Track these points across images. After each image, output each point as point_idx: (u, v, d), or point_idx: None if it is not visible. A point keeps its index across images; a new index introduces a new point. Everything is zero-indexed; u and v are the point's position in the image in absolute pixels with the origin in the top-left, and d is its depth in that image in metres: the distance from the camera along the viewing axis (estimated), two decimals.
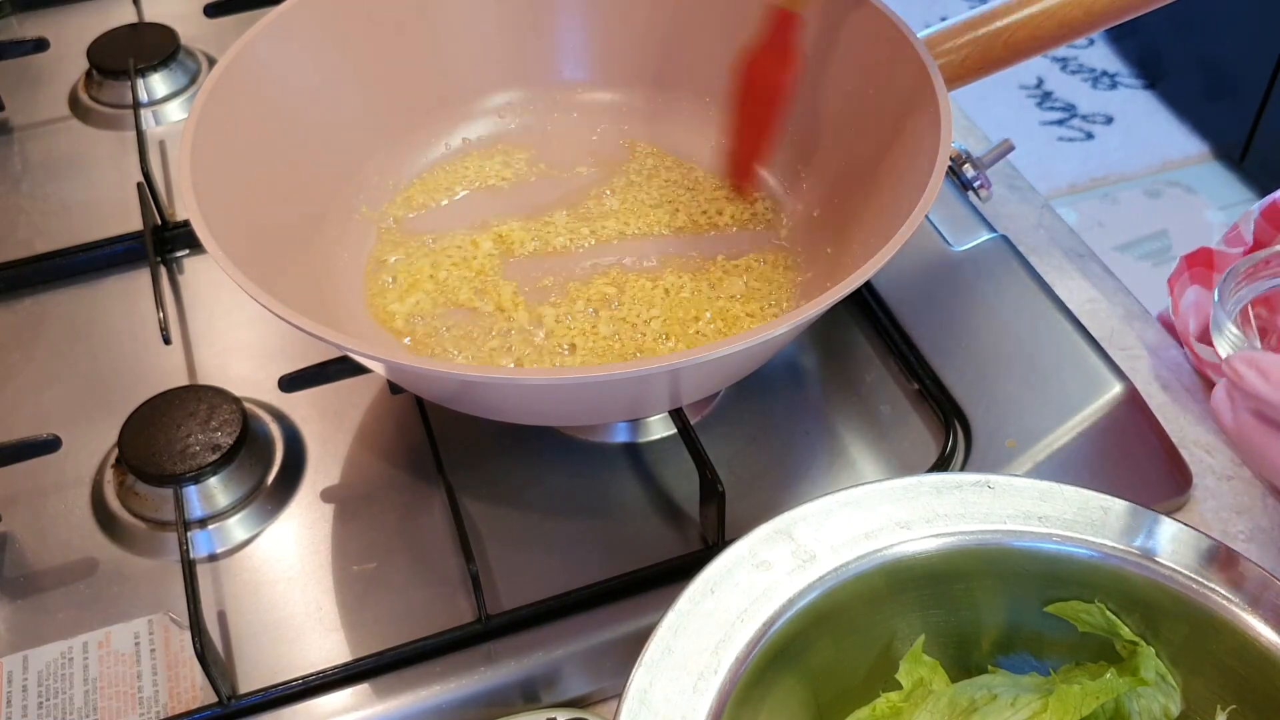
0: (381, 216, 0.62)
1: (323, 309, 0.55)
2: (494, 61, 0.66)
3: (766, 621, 0.37)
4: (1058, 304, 0.61)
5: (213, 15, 0.82)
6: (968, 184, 0.67)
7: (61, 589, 0.52)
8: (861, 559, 0.39)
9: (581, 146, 0.66)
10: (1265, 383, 0.36)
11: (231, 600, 0.51)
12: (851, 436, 0.57)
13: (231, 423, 0.54)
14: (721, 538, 0.50)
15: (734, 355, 0.44)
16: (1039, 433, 0.55)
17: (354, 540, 0.53)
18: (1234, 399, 0.38)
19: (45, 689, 0.48)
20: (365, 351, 0.44)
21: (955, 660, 0.42)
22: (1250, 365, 0.37)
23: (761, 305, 0.57)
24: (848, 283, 0.44)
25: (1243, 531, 0.55)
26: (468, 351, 0.55)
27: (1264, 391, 0.36)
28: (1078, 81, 2.22)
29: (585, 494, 0.54)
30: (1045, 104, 2.17)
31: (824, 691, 0.41)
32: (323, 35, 0.59)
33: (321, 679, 0.48)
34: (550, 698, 0.49)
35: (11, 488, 0.55)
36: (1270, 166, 1.94)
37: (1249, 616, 0.38)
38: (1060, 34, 0.58)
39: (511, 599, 0.50)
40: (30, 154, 0.75)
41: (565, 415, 0.53)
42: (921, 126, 0.52)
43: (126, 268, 0.67)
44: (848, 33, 0.58)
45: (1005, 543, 0.40)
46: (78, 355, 0.62)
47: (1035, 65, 2.24)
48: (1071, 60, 2.27)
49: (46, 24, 0.86)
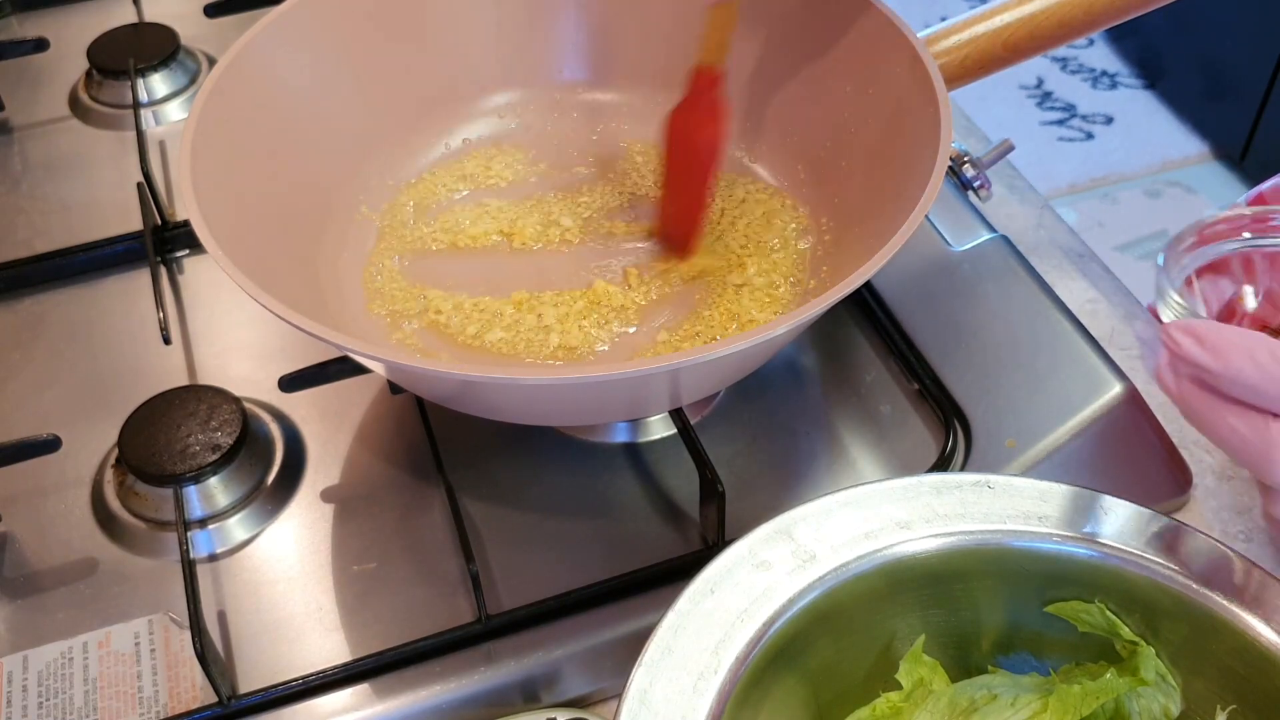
0: (382, 216, 0.62)
1: (323, 309, 0.55)
2: (494, 61, 0.66)
3: (766, 621, 0.37)
4: (1058, 304, 0.61)
5: (213, 15, 0.82)
6: (968, 184, 0.67)
7: (61, 589, 0.52)
8: (861, 559, 0.39)
9: (581, 146, 0.66)
10: (1201, 349, 0.36)
11: (231, 600, 0.51)
12: (851, 436, 0.57)
13: (231, 423, 0.54)
14: (721, 538, 0.50)
15: (734, 355, 0.44)
16: (1039, 433, 0.55)
17: (354, 540, 0.53)
18: (1176, 367, 0.38)
19: (45, 689, 0.48)
20: (365, 351, 0.44)
21: (955, 660, 0.42)
22: (1187, 333, 0.37)
23: (761, 305, 0.57)
24: (848, 283, 0.44)
25: (1243, 531, 0.55)
26: (468, 350, 0.55)
27: (1199, 358, 0.36)
28: (1078, 81, 2.22)
29: (585, 494, 0.54)
30: (1045, 104, 2.17)
31: (824, 691, 0.41)
32: (323, 35, 0.59)
33: (321, 679, 0.48)
34: (550, 698, 0.49)
35: (11, 488, 0.55)
36: (1270, 166, 1.93)
37: (1249, 616, 0.38)
38: (1060, 34, 0.58)
39: (511, 599, 0.50)
40: (30, 154, 0.75)
41: (565, 415, 0.53)
42: (921, 126, 0.52)
43: (126, 268, 0.67)
44: (847, 33, 0.58)
45: (1005, 543, 0.40)
46: (78, 355, 0.62)
47: (1035, 65, 2.24)
48: (1071, 60, 2.27)
49: (46, 24, 0.86)
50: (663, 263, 0.59)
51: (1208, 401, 0.37)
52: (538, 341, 0.55)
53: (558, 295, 0.57)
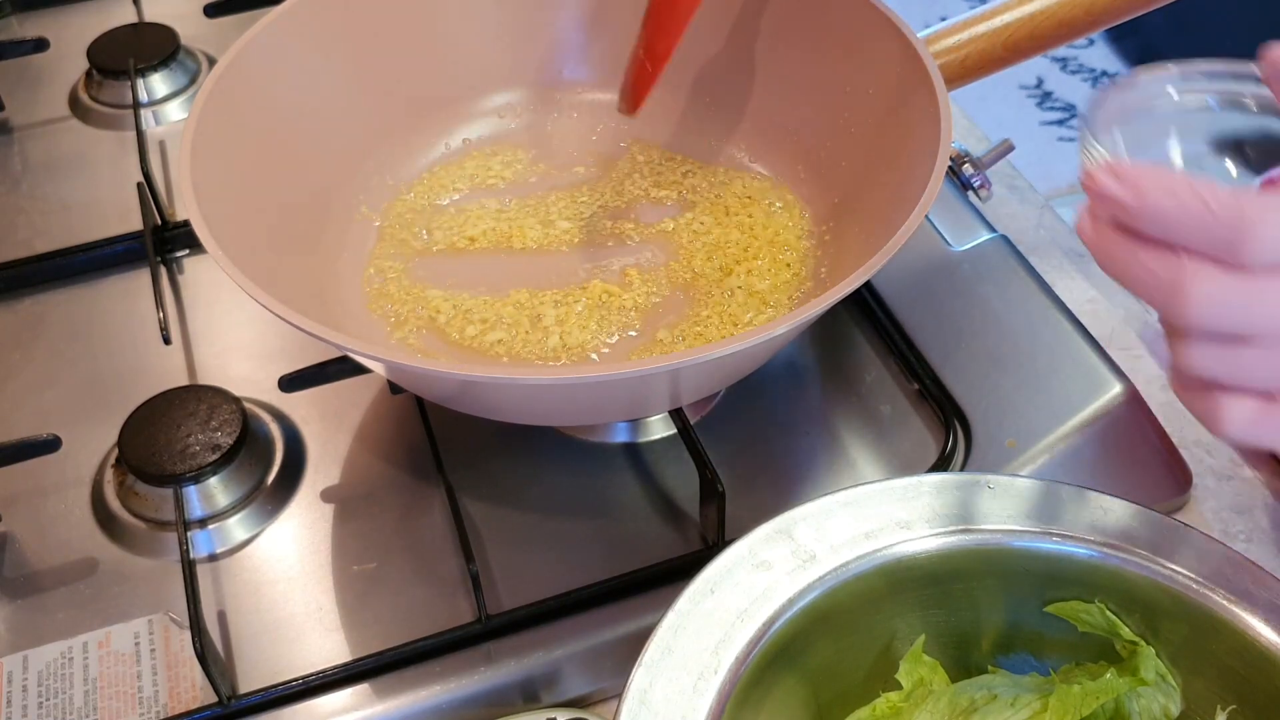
0: (382, 216, 0.61)
1: (323, 309, 0.55)
2: (494, 61, 0.65)
3: (766, 621, 0.37)
4: (1058, 304, 0.61)
5: (213, 15, 0.82)
6: (968, 184, 0.67)
7: (61, 589, 0.52)
8: (861, 559, 0.39)
9: (581, 146, 0.66)
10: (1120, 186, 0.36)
11: (231, 600, 0.51)
12: (851, 436, 0.57)
13: (231, 423, 0.54)
14: (721, 538, 0.50)
15: (734, 355, 0.44)
16: (1039, 433, 0.55)
17: (354, 540, 0.53)
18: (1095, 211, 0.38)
19: (45, 689, 0.48)
20: (365, 351, 0.44)
21: (955, 660, 0.42)
22: (1109, 173, 0.36)
23: (761, 305, 0.57)
24: (848, 283, 0.44)
25: (1243, 531, 0.55)
26: (468, 351, 0.55)
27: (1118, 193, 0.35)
28: (1078, 81, 2.22)
29: (585, 494, 0.54)
30: (1045, 104, 2.17)
31: (824, 691, 0.41)
32: (323, 35, 0.59)
33: (321, 679, 0.48)
34: (550, 698, 0.49)
35: (11, 488, 0.55)
36: None
37: (1249, 616, 0.38)
38: (1060, 34, 0.57)
39: (511, 599, 0.50)
40: (30, 154, 0.75)
41: (565, 415, 0.53)
42: (921, 127, 0.52)
43: (126, 268, 0.67)
44: (848, 33, 0.58)
45: (1005, 543, 0.40)
46: (78, 355, 0.62)
47: (1035, 65, 2.23)
48: (1071, 60, 2.27)
49: (46, 24, 0.86)
50: (661, 261, 0.59)
51: (1123, 244, 0.37)
52: (537, 342, 0.55)
53: (557, 295, 0.57)
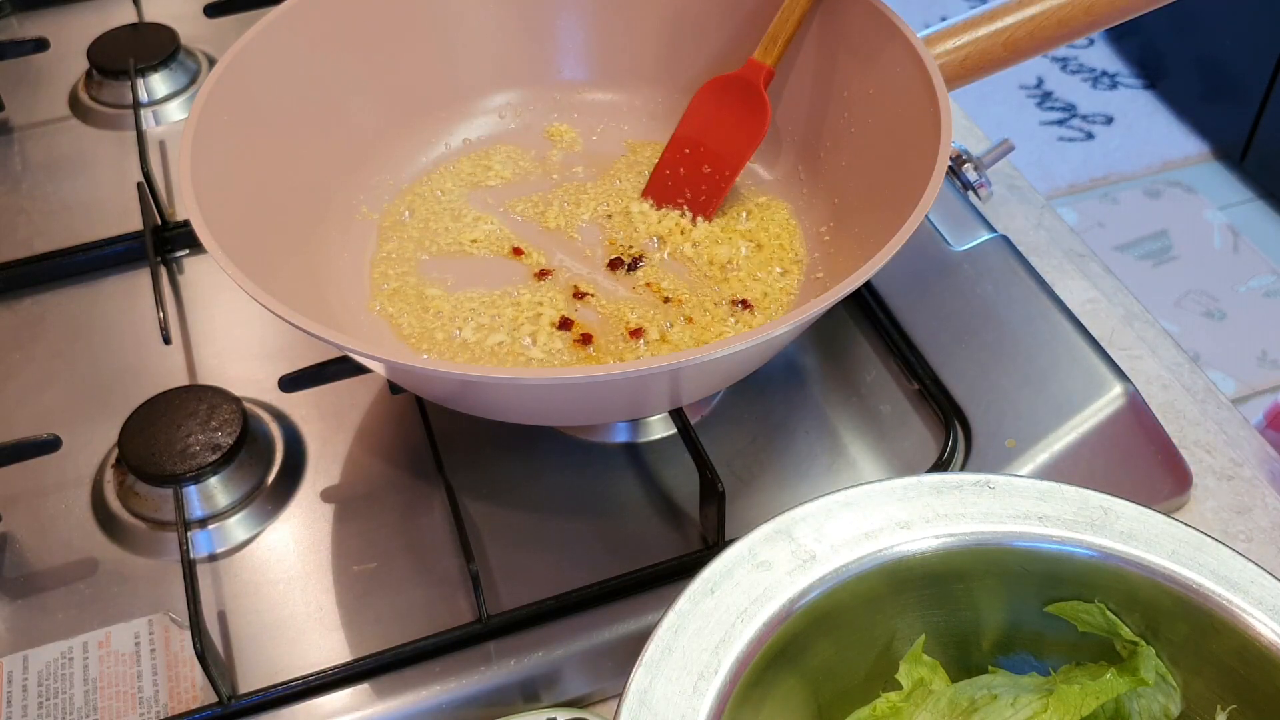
0: (382, 216, 0.62)
1: (323, 309, 0.55)
2: (494, 61, 0.66)
3: (766, 621, 0.37)
4: (1058, 304, 0.61)
5: (213, 15, 0.82)
6: (968, 184, 0.67)
7: (61, 589, 0.52)
8: (861, 559, 0.39)
9: (581, 146, 0.66)
10: None
11: (231, 600, 0.51)
12: (851, 436, 0.57)
13: (231, 423, 0.54)
14: (721, 538, 0.50)
15: (734, 355, 0.44)
16: (1039, 433, 0.55)
17: (354, 540, 0.53)
18: None
19: (45, 689, 0.48)
20: (365, 351, 0.44)
21: (955, 660, 0.42)
22: None
23: (761, 306, 0.57)
24: (848, 283, 0.44)
25: (1243, 531, 0.55)
26: (468, 350, 0.55)
27: None
28: (1078, 81, 2.22)
29: (585, 494, 0.54)
30: (1045, 104, 2.17)
31: (824, 691, 0.41)
32: (322, 35, 0.59)
33: (321, 679, 0.48)
34: (550, 698, 0.49)
35: (11, 488, 0.55)
36: (1270, 166, 1.94)
37: (1249, 616, 0.38)
38: (1060, 34, 0.58)
39: (511, 599, 0.50)
40: (30, 154, 0.75)
41: (565, 415, 0.53)
42: (921, 126, 0.52)
43: (126, 268, 0.67)
44: (848, 33, 0.58)
45: (1005, 543, 0.40)
46: (78, 355, 0.62)
47: (1035, 65, 2.23)
48: (1071, 60, 2.27)
49: (46, 24, 0.86)
50: (661, 261, 0.59)
51: None
52: (537, 340, 0.55)
53: (558, 294, 0.57)
